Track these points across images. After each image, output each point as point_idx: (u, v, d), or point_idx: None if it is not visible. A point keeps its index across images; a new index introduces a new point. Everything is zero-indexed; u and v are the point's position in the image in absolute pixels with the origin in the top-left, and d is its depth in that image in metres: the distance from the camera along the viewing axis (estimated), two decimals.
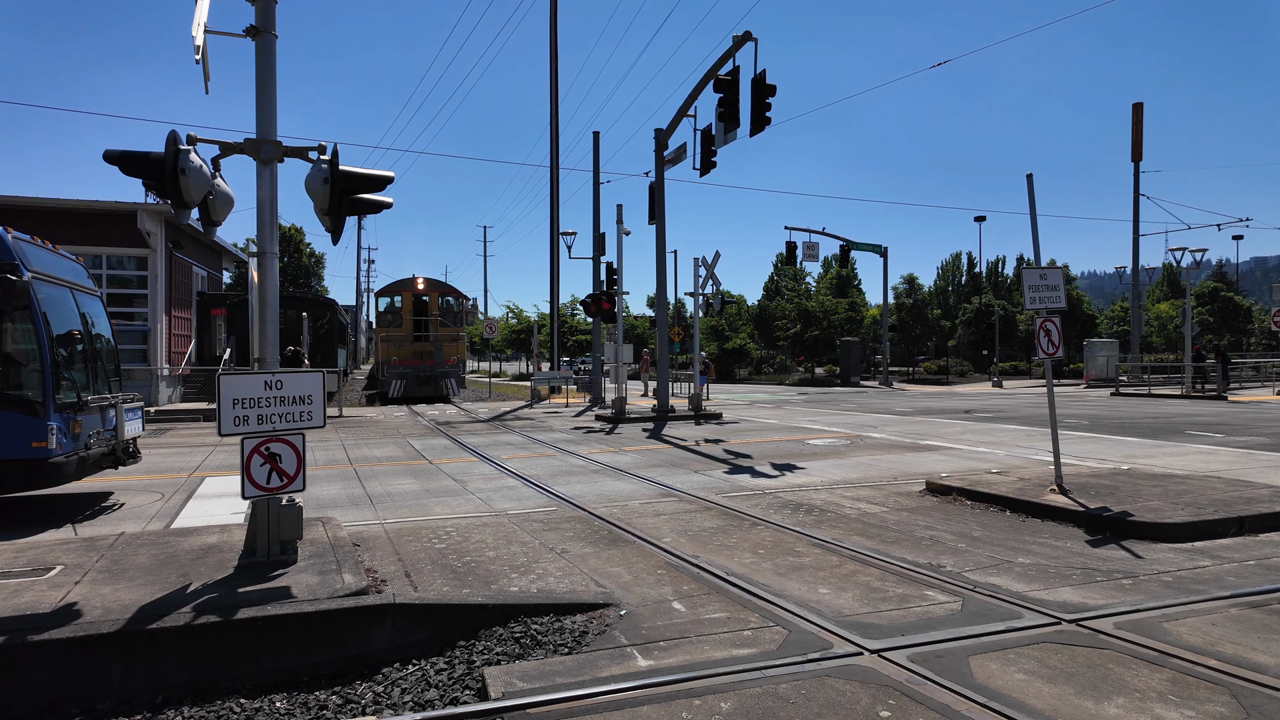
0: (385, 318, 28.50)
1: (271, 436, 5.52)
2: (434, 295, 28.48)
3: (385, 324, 28.38)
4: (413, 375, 26.62)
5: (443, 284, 29.49)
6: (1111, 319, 57.45)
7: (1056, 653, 4.32)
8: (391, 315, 28.25)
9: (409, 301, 28.03)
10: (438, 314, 28.20)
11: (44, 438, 7.33)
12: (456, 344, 28.44)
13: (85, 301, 8.93)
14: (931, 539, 6.90)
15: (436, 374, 27.00)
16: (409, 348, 27.18)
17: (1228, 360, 28.42)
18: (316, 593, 4.91)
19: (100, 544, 6.19)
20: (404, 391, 26.36)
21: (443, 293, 29.00)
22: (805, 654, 4.32)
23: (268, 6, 5.71)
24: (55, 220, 20.10)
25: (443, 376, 27.09)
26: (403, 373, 26.55)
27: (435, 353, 27.23)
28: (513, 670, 4.18)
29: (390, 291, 28.77)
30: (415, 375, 26.67)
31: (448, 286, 29.69)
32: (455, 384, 27.46)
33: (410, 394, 26.44)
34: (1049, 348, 8.36)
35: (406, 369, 26.68)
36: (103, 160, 5.66)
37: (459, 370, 28.15)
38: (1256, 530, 7.04)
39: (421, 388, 26.64)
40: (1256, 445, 13.08)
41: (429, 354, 27.37)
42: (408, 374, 26.57)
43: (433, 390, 26.83)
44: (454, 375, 27.54)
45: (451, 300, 29.51)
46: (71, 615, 4.51)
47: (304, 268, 50.52)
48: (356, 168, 5.82)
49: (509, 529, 7.37)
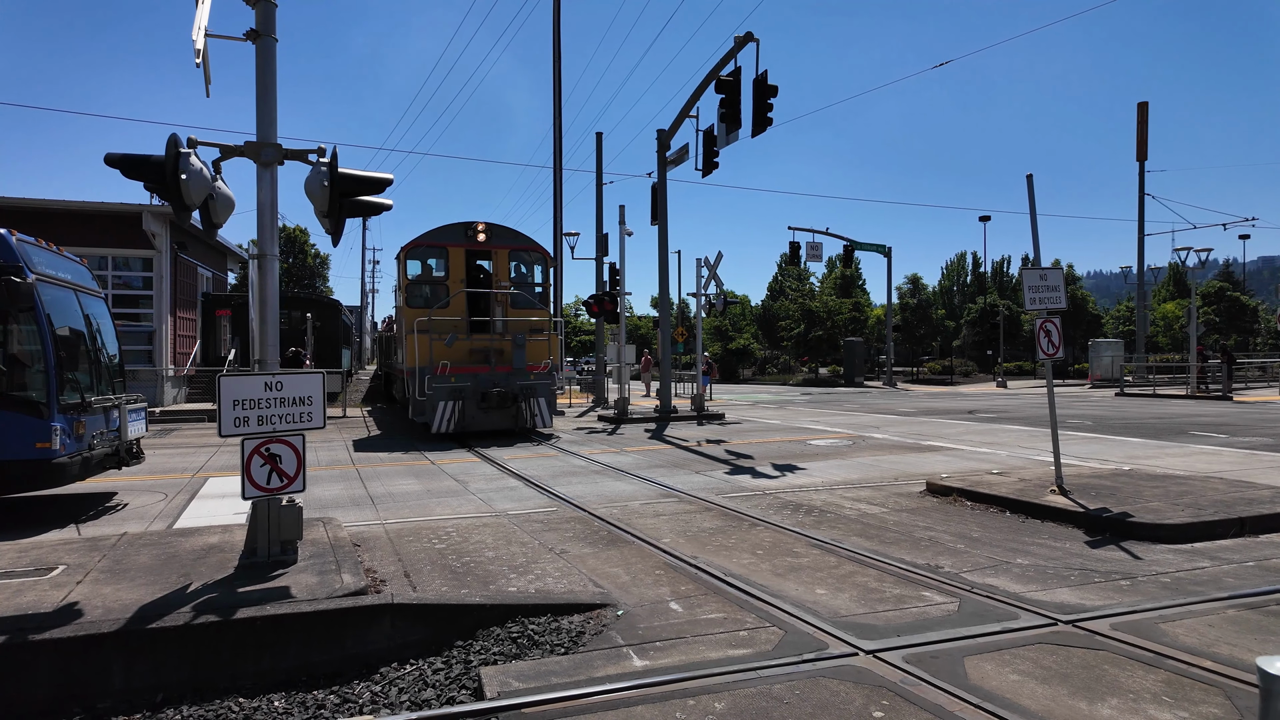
0: (417, 292, 16.48)
1: (272, 437, 5.56)
2: (502, 253, 16.46)
3: (418, 301, 16.22)
4: (473, 393, 15.37)
5: (515, 233, 17.02)
6: (1117, 319, 57.26)
7: (1052, 654, 4.33)
8: (429, 287, 16.50)
9: (459, 263, 16.33)
10: (509, 284, 16.46)
11: (48, 439, 7.39)
12: (545, 339, 16.57)
13: (89, 303, 8.98)
14: (930, 540, 6.90)
15: (513, 390, 15.64)
16: (463, 345, 15.63)
17: (1233, 360, 28.31)
18: (316, 593, 4.94)
19: (103, 544, 6.24)
20: (459, 422, 15.26)
21: (516, 247, 16.82)
22: (800, 654, 4.33)
23: (268, 10, 5.75)
24: (60, 222, 20.21)
25: (525, 395, 15.74)
26: (457, 389, 15.24)
27: (512, 353, 15.75)
28: (509, 670, 4.21)
29: (425, 247, 16.67)
30: (477, 393, 15.41)
31: (523, 238, 17.12)
32: (544, 407, 16.02)
33: (469, 424, 15.40)
34: (1049, 349, 8.35)
35: (463, 382, 15.32)
36: (112, 160, 5.71)
37: (550, 384, 16.40)
38: (1257, 531, 7.02)
39: (488, 415, 15.56)
40: (1260, 446, 13.03)
41: (500, 355, 15.85)
42: (464, 391, 15.29)
43: (507, 417, 15.75)
44: (542, 392, 16.06)
45: (532, 263, 17.37)
46: (73, 615, 4.55)
47: (309, 268, 50.68)
48: (356, 170, 5.86)
49: (509, 529, 7.40)
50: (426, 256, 16.91)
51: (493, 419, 15.60)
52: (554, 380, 16.64)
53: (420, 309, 15.80)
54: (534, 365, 15.93)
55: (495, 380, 15.53)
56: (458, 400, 15.17)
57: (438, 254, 16.58)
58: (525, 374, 15.71)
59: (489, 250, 16.47)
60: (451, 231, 16.36)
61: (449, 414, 15.11)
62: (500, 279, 16.39)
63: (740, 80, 15.22)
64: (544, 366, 16.10)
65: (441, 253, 16.40)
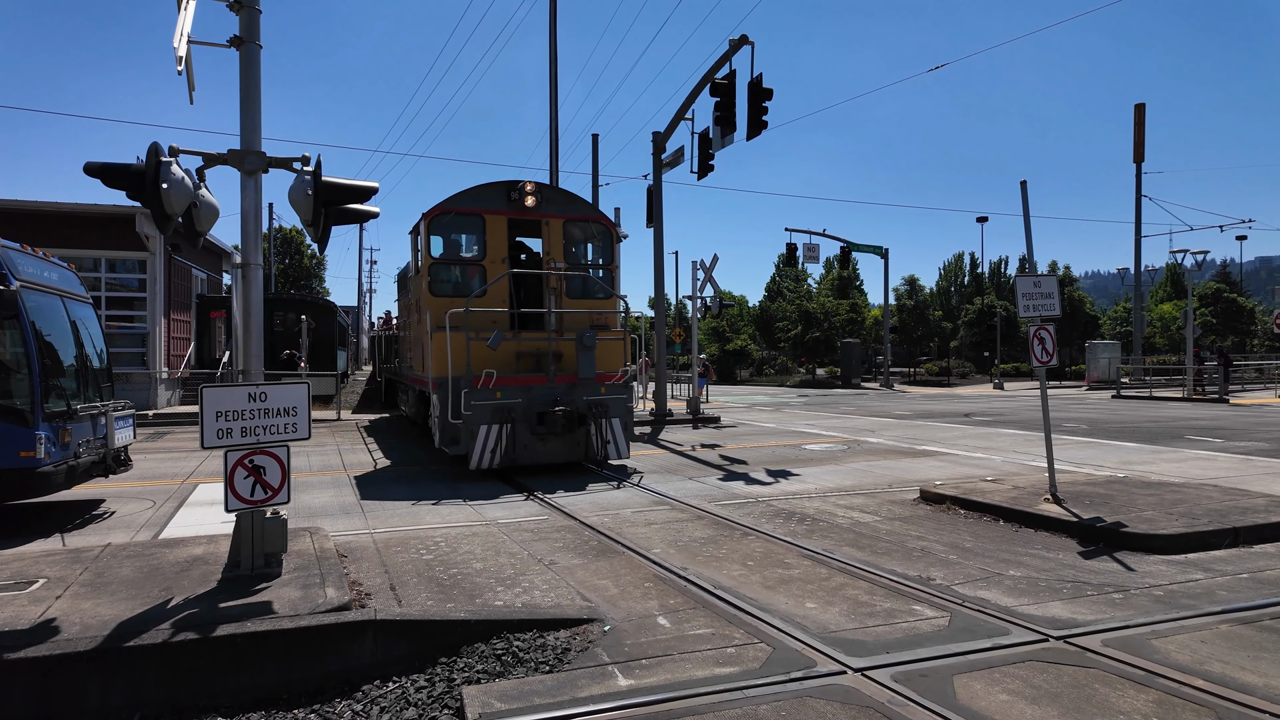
0: (444, 275, 12.60)
1: (255, 449, 5.49)
2: (555, 224, 12.58)
3: (445, 288, 12.40)
4: (525, 413, 11.13)
5: (571, 197, 13.25)
6: (1114, 320, 57.28)
7: (1042, 672, 4.27)
8: (459, 269, 12.79)
9: (500, 236, 12.34)
10: (564, 266, 12.52)
11: (32, 447, 7.31)
12: (619, 339, 12.52)
13: (76, 309, 8.91)
14: (923, 550, 6.84)
15: (580, 408, 11.45)
16: (508, 347, 11.55)
17: (1230, 362, 28.29)
18: (298, 608, 4.88)
19: (85, 555, 6.16)
20: (507, 453, 10.95)
21: (574, 217, 12.87)
22: (788, 673, 4.27)
23: (252, 16, 5.68)
24: (53, 224, 20.11)
25: (595, 414, 11.53)
26: (505, 408, 10.97)
27: (577, 358, 11.56)
28: (491, 690, 4.15)
29: (455, 215, 12.41)
30: (531, 413, 11.17)
31: (582, 204, 13.39)
32: (619, 431, 11.73)
33: (521, 455, 11.08)
34: (1043, 356, 8.30)
35: (511, 398, 11.05)
36: (92, 169, 5.64)
37: (627, 399, 12.06)
38: (1251, 541, 6.98)
39: (545, 444, 11.28)
40: (1256, 451, 13.00)
41: (558, 360, 11.75)
42: (514, 411, 11.05)
43: (572, 446, 11.48)
44: (617, 411, 11.75)
45: (593, 238, 13.34)
46: (50, 632, 4.48)
47: (305, 269, 50.58)
48: (341, 178, 5.79)
49: (498, 539, 7.33)
50: (455, 228, 12.62)
51: (552, 449, 11.19)
52: (631, 395, 11.96)
53: (447, 298, 11.87)
54: (606, 374, 11.70)
55: (555, 395, 11.14)
56: (506, 423, 10.77)
57: (471, 224, 12.47)
58: (594, 386, 11.43)
59: (538, 219, 12.48)
60: (489, 194, 12.18)
61: (494, 443, 10.69)
62: (554, 258, 12.40)
63: (735, 83, 15.18)
64: (619, 376, 11.76)
65: (476, 223, 12.32)
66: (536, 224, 12.64)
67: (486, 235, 12.29)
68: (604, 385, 11.62)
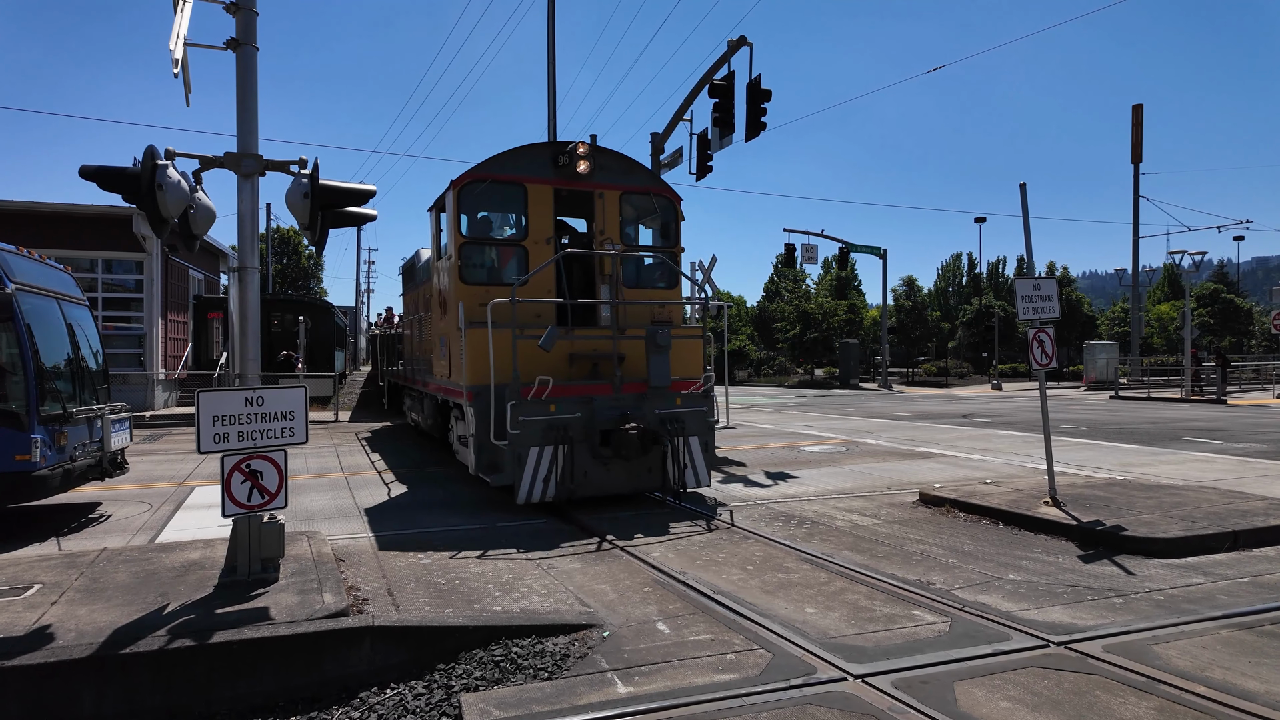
0: (477, 258, 10.16)
1: (252, 453, 5.46)
2: (611, 196, 10.27)
3: (478, 273, 10.01)
4: (584, 430, 8.51)
5: (628, 162, 10.57)
6: (1112, 320, 57.34)
7: (1043, 678, 4.25)
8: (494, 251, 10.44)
9: (545, 209, 9.99)
10: (620, 247, 10.04)
11: (28, 451, 7.27)
12: (696, 337, 10.25)
13: (72, 311, 8.87)
14: (922, 554, 6.83)
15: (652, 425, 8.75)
16: (561, 349, 9.05)
17: (1227, 363, 28.33)
18: (295, 614, 4.85)
19: (81, 560, 6.13)
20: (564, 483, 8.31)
21: (633, 188, 10.51)
22: (788, 680, 4.25)
23: (249, 19, 5.65)
24: (49, 224, 20.04)
25: (670, 432, 8.83)
26: (560, 425, 8.34)
27: (649, 361, 8.91)
28: (489, 698, 4.12)
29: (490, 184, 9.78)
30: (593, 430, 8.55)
31: (642, 171, 10.98)
32: (697, 452, 9.04)
33: (581, 485, 8.47)
34: (1042, 359, 8.29)
35: (567, 412, 8.44)
36: (87, 173, 5.61)
37: (708, 413, 9.32)
38: (1251, 545, 6.97)
39: (608, 470, 8.62)
40: (1254, 453, 13.00)
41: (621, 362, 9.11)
42: (570, 428, 8.41)
43: (643, 473, 8.84)
44: (695, 427, 9.07)
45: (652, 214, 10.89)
46: (45, 639, 4.44)
47: (302, 269, 50.51)
48: (338, 182, 5.76)
49: (497, 543, 7.29)
50: (490, 201, 10.06)
51: (616, 476, 8.63)
52: (712, 407, 9.40)
53: (481, 286, 9.46)
54: (684, 382, 9.36)
55: (622, 408, 8.65)
56: (561, 444, 8.28)
57: (509, 196, 9.91)
58: (668, 396, 8.93)
59: (590, 190, 10.08)
60: (531, 158, 9.77)
61: (547, 469, 8.22)
62: (609, 238, 9.99)
63: (734, 84, 15.15)
64: (698, 385, 9.45)
65: (515, 194, 9.82)
66: (586, 196, 10.22)
67: (529, 209, 9.82)
68: (679, 395, 9.10)
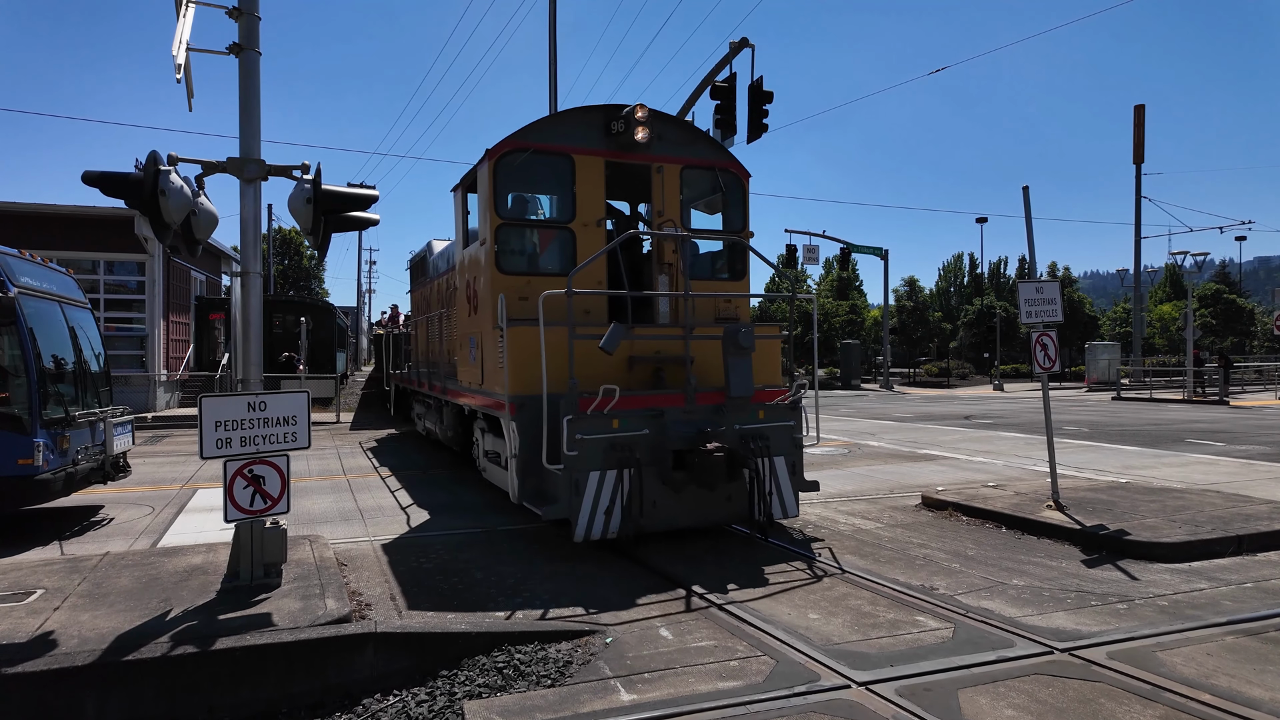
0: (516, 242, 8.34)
1: (255, 458, 5.45)
2: (671, 171, 8.45)
3: (517, 261, 8.28)
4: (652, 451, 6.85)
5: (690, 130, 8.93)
6: (1114, 320, 57.29)
7: (1048, 686, 4.24)
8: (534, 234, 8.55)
9: (596, 185, 8.22)
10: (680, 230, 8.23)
11: (30, 455, 7.27)
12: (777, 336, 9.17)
13: (74, 314, 8.87)
14: (925, 558, 6.81)
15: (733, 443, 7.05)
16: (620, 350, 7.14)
17: (1230, 364, 28.28)
18: (298, 620, 4.84)
19: (84, 565, 6.13)
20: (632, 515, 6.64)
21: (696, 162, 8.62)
22: (792, 687, 4.24)
23: (251, 24, 5.64)
24: (51, 226, 20.03)
25: (754, 452, 7.10)
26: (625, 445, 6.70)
27: (730, 366, 7.18)
28: (493, 705, 4.11)
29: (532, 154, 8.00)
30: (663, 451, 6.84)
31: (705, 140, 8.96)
32: (784, 476, 7.34)
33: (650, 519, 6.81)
34: (1045, 362, 8.27)
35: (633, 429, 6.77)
36: (90, 178, 5.61)
37: (795, 428, 7.56)
38: (1255, 549, 6.95)
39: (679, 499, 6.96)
40: (1257, 455, 12.97)
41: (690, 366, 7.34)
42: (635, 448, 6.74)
43: (721, 504, 7.18)
44: (781, 446, 7.36)
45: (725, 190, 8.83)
46: (48, 645, 4.44)
47: (304, 270, 50.52)
48: (341, 187, 5.75)
49: (500, 547, 7.30)
50: (531, 175, 8.42)
51: (690, 506, 7.06)
52: (800, 421, 7.71)
53: (520, 276, 8.01)
54: (769, 391, 7.69)
55: (698, 423, 7.04)
56: (626, 468, 6.69)
57: (554, 169, 8.26)
58: (750, 409, 7.33)
59: (647, 164, 8.41)
60: (578, 125, 8.16)
61: (609, 499, 6.64)
62: (669, 219, 8.40)
63: (735, 86, 15.14)
64: (784, 394, 7.69)
65: (562, 167, 8.17)
66: (641, 171, 8.53)
67: (577, 185, 8.13)
68: (762, 407, 7.42)
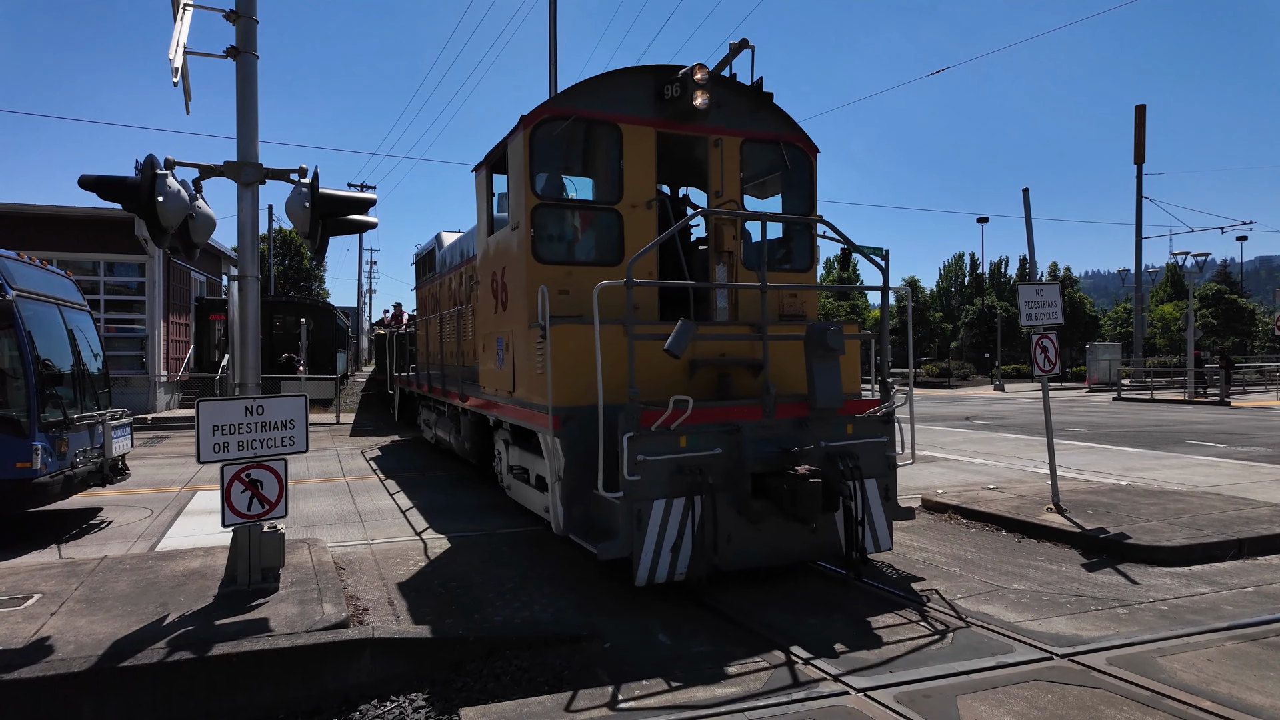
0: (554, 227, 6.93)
1: (253, 463, 5.44)
2: (731, 144, 7.16)
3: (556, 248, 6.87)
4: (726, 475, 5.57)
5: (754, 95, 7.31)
6: (1115, 320, 57.24)
7: (1047, 692, 4.22)
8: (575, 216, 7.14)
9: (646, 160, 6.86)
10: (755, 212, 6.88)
11: (28, 458, 7.26)
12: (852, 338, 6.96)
13: (73, 317, 8.86)
14: (925, 561, 6.80)
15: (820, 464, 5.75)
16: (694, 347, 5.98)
17: (1231, 364, 28.25)
18: (295, 625, 4.83)
19: (81, 569, 6.12)
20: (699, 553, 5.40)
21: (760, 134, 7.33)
22: (790, 693, 4.22)
23: (248, 27, 5.63)
24: (51, 227, 20.04)
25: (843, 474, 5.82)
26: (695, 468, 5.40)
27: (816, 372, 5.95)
28: (490, 711, 4.10)
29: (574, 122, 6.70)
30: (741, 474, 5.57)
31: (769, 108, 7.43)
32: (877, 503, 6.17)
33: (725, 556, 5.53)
34: (1045, 365, 8.25)
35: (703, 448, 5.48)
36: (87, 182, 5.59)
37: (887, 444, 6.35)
38: (1255, 553, 6.93)
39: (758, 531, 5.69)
40: (1258, 456, 12.95)
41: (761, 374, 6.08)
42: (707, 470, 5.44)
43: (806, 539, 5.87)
44: (872, 466, 6.16)
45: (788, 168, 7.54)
46: (44, 651, 4.43)
47: (304, 271, 50.51)
48: (339, 190, 5.75)
49: (498, 550, 7.28)
50: (572, 148, 7.32)
51: (768, 542, 5.86)
52: (894, 438, 6.53)
53: (560, 264, 6.76)
54: (852, 403, 6.42)
55: (779, 440, 5.89)
56: (696, 495, 5.49)
57: (599, 141, 7.11)
58: (838, 422, 6.23)
59: (704, 136, 7.20)
60: (625, 89, 6.90)
61: (676, 533, 5.46)
62: (730, 199, 7.27)
63: None
64: (872, 404, 6.50)
65: (608, 138, 6.94)
66: (697, 144, 7.33)
67: (624, 160, 6.86)
68: (850, 420, 6.28)
